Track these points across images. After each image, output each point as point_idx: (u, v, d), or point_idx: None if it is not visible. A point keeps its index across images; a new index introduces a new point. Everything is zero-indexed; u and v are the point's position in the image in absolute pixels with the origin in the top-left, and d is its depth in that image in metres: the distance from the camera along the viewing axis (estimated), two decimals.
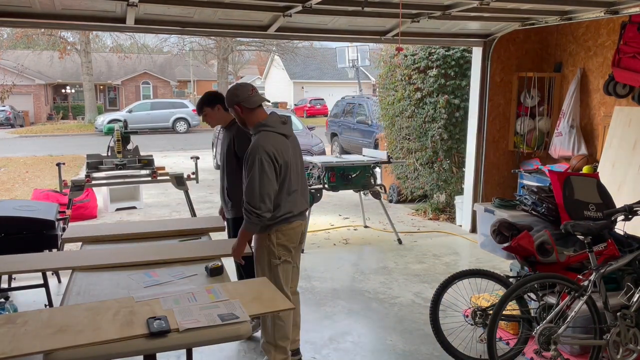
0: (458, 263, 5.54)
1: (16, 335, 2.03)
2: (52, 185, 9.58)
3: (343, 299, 4.56)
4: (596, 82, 5.77)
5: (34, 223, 3.96)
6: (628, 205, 3.30)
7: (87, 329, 2.09)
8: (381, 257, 5.73)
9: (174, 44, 34.11)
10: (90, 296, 2.54)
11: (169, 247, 3.31)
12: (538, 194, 4.88)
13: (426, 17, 4.98)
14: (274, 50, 34.25)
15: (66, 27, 5.67)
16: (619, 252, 3.39)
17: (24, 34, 27.62)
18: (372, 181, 6.26)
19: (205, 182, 10.51)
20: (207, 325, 2.14)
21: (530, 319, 3.36)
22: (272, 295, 2.49)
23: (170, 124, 25.18)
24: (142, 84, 38.51)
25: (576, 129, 5.88)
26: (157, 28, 5.09)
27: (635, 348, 3.13)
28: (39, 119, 32.72)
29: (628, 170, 4.99)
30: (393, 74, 7.67)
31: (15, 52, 32.78)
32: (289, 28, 5.28)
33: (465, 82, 6.86)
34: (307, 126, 12.25)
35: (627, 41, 5.12)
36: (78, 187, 5.40)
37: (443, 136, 7.00)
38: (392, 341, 3.80)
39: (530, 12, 5.13)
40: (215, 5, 4.47)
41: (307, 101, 37.01)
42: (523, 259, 3.50)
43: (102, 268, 2.90)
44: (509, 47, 6.33)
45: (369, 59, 20.94)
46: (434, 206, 7.61)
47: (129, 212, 8.15)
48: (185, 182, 5.73)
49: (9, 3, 4.31)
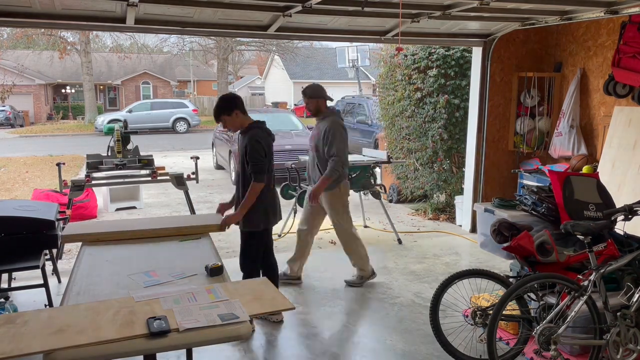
0: (458, 263, 5.54)
1: (16, 335, 2.03)
2: (52, 185, 9.58)
3: (343, 299, 4.56)
4: (596, 82, 5.77)
5: (34, 223, 3.96)
6: (628, 205, 3.30)
7: (87, 328, 2.09)
8: (381, 257, 5.73)
9: (174, 44, 34.16)
10: (90, 296, 2.54)
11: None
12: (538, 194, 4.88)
13: (426, 17, 4.98)
14: (274, 50, 34.25)
15: (66, 27, 5.67)
16: (619, 252, 3.39)
17: (24, 33, 27.64)
18: (372, 181, 6.26)
19: (205, 182, 10.51)
20: (207, 325, 2.14)
21: (530, 319, 3.36)
22: (272, 295, 2.49)
23: (170, 124, 25.19)
24: (142, 84, 38.51)
25: (576, 129, 5.88)
26: (157, 28, 5.09)
27: (635, 348, 3.13)
28: (39, 119, 32.73)
29: (628, 170, 4.99)
30: (393, 74, 7.67)
31: (15, 52, 32.80)
32: (288, 28, 5.28)
33: (465, 82, 6.86)
34: (307, 126, 12.25)
35: (627, 41, 5.12)
36: (78, 187, 5.41)
37: (443, 136, 7.00)
38: (392, 341, 3.80)
39: (530, 12, 5.13)
40: (215, 5, 4.47)
41: None
42: (523, 259, 3.50)
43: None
44: (509, 47, 6.33)
45: (369, 59, 20.94)
46: (434, 206, 7.61)
47: (129, 212, 8.15)
48: (185, 182, 5.74)
49: (9, 3, 4.31)
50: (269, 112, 14.66)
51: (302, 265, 4.97)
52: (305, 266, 5.00)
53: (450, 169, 7.18)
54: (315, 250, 6.01)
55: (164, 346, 2.07)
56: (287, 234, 6.56)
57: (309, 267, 5.34)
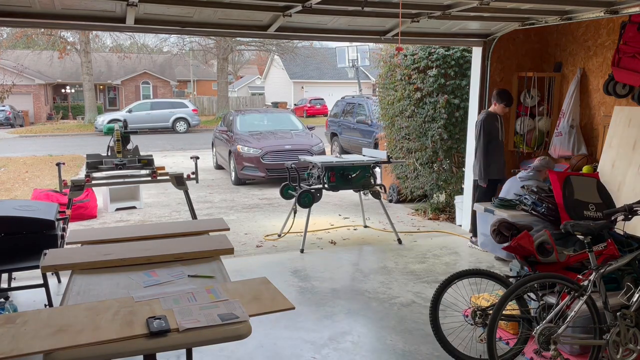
0: (458, 263, 5.54)
1: (16, 335, 2.03)
2: (52, 185, 9.58)
3: (343, 299, 4.56)
4: (596, 82, 5.77)
5: (34, 223, 3.96)
6: (628, 205, 3.30)
7: (87, 328, 2.09)
8: (381, 257, 5.73)
9: (174, 44, 34.17)
10: (90, 296, 2.54)
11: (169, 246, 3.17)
12: (538, 194, 4.89)
13: (426, 17, 4.98)
14: (274, 50, 34.25)
15: (66, 27, 5.67)
16: (619, 252, 3.39)
17: (23, 33, 27.65)
18: (372, 181, 6.26)
19: (205, 182, 10.52)
20: (207, 325, 2.14)
21: (530, 319, 3.36)
22: (272, 295, 2.49)
23: (170, 123, 25.20)
24: (142, 84, 38.52)
25: (576, 128, 5.88)
26: (157, 28, 5.09)
27: (635, 348, 3.13)
28: (38, 119, 32.74)
29: (628, 170, 4.99)
30: (393, 74, 7.67)
31: (15, 52, 32.81)
32: (288, 28, 5.28)
33: (465, 82, 6.86)
34: (306, 126, 12.26)
35: (627, 41, 5.12)
36: (78, 187, 5.40)
37: (443, 136, 7.00)
38: (392, 341, 3.80)
39: (530, 12, 5.13)
40: (215, 5, 4.47)
41: (307, 101, 37.04)
42: (523, 259, 3.50)
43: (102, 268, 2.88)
44: (509, 47, 6.33)
45: (368, 58, 20.94)
46: (434, 206, 7.61)
47: (129, 212, 8.15)
48: (185, 182, 5.74)
49: (8, 3, 4.31)
50: (269, 112, 14.65)
51: None
52: (305, 266, 5.00)
53: (450, 169, 7.18)
54: (315, 250, 6.02)
55: (164, 346, 2.07)
56: (287, 234, 6.57)
57: (309, 267, 5.35)
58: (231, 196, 9.51)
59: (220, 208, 8.52)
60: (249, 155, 10.30)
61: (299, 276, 5.12)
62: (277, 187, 7.37)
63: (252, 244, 6.36)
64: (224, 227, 3.77)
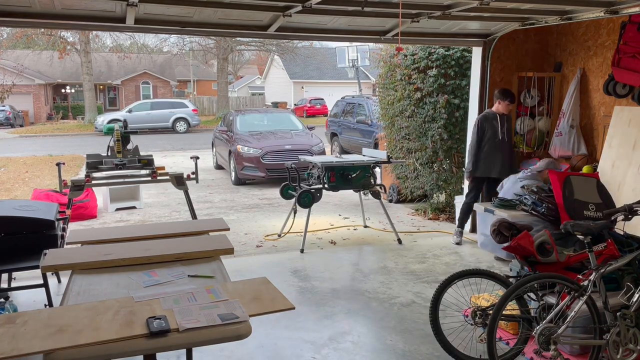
0: (458, 263, 5.54)
1: (16, 335, 2.03)
2: (52, 185, 9.59)
3: (343, 299, 4.56)
4: (596, 82, 5.77)
5: (34, 223, 3.96)
6: (628, 205, 3.30)
7: (87, 328, 2.09)
8: (381, 257, 5.74)
9: (174, 44, 34.18)
10: (90, 296, 2.54)
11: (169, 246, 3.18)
12: (538, 194, 4.89)
13: (426, 17, 4.98)
14: (274, 50, 34.25)
15: (66, 27, 5.67)
16: (619, 252, 3.39)
17: (23, 33, 27.65)
18: (372, 181, 6.26)
19: (205, 182, 10.52)
20: (207, 325, 2.14)
21: (530, 319, 3.36)
22: (272, 295, 2.49)
23: (170, 123, 25.20)
24: (142, 84, 38.53)
25: (576, 128, 5.88)
26: (157, 28, 5.09)
27: (635, 348, 3.13)
28: (38, 119, 32.74)
29: (628, 170, 4.99)
30: (393, 74, 7.67)
31: (15, 52, 32.82)
32: (288, 28, 5.28)
33: (465, 82, 6.86)
34: (306, 126, 12.26)
35: (627, 41, 5.13)
36: (78, 187, 5.40)
37: (443, 136, 7.00)
38: (392, 341, 3.80)
39: (530, 12, 5.13)
40: (215, 5, 4.47)
41: (307, 101, 37.05)
42: (523, 259, 3.50)
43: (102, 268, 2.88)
44: (509, 47, 6.33)
45: (368, 58, 20.95)
46: (434, 206, 7.61)
47: (129, 212, 8.15)
48: (185, 182, 5.74)
49: (8, 3, 4.31)
50: (269, 112, 14.65)
51: None
52: (305, 266, 5.00)
53: (450, 169, 7.18)
54: (315, 250, 6.02)
55: (164, 346, 2.07)
56: (287, 234, 6.57)
57: (309, 267, 5.35)
58: (231, 196, 9.51)
59: (220, 208, 8.52)
60: (249, 155, 10.30)
61: (299, 276, 5.12)
62: (277, 187, 7.38)
63: (252, 244, 6.36)
64: (224, 227, 3.77)
